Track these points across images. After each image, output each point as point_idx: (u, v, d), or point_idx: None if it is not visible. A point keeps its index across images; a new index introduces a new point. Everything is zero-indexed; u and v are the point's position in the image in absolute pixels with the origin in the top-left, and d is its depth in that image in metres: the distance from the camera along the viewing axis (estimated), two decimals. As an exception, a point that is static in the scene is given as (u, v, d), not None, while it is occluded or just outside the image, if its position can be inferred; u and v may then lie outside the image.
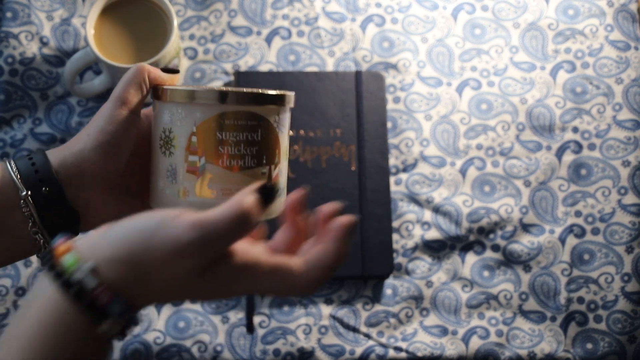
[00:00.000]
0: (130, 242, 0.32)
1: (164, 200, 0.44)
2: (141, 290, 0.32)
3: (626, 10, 0.86)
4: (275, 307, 0.77)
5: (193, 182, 0.43)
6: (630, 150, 0.82)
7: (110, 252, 0.32)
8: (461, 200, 0.80)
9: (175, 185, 0.44)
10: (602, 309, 0.77)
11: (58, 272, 0.31)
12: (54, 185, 0.42)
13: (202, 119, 0.43)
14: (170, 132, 0.44)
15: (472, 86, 0.84)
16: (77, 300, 0.31)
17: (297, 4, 0.86)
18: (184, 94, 0.43)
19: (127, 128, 0.43)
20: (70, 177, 0.43)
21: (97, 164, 0.43)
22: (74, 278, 0.31)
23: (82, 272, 0.31)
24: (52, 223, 0.42)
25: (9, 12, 0.83)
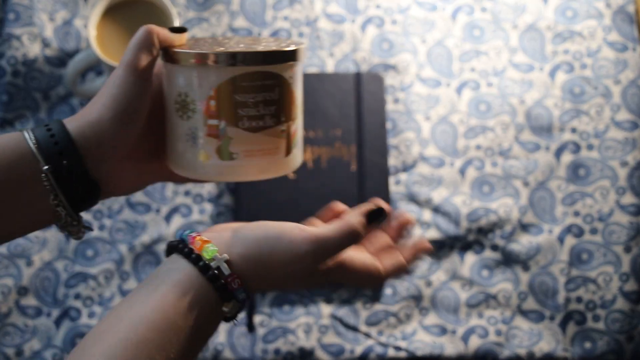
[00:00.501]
0: (258, 245, 0.40)
1: (185, 164, 0.44)
2: (259, 282, 0.40)
3: (624, 11, 0.86)
4: (275, 307, 0.77)
5: (214, 146, 0.43)
6: (628, 150, 0.82)
7: (241, 250, 0.40)
8: (460, 200, 0.81)
9: (196, 149, 0.43)
10: (600, 308, 0.78)
11: (198, 257, 0.39)
12: (74, 157, 0.41)
13: (218, 82, 0.42)
14: (186, 96, 0.43)
15: (471, 87, 0.85)
16: (213, 281, 0.39)
17: (298, 6, 0.87)
18: (198, 57, 0.42)
19: (142, 94, 0.43)
20: (89, 148, 0.42)
21: (115, 133, 0.42)
22: (214, 264, 0.39)
23: (219, 261, 0.39)
24: (73, 194, 0.42)
25: (11, 13, 0.84)
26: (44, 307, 0.77)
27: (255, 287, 0.41)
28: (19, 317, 0.76)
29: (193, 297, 0.38)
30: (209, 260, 0.39)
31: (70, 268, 0.78)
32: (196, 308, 0.38)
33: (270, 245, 0.40)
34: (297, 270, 0.40)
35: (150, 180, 0.48)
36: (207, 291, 0.39)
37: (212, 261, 0.39)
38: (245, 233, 0.41)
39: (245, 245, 0.40)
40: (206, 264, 0.39)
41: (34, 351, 0.75)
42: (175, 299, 0.38)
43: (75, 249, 0.78)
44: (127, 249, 0.78)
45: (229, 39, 0.47)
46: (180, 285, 0.39)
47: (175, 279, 0.39)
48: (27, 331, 0.76)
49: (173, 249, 0.42)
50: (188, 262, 0.40)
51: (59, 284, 0.77)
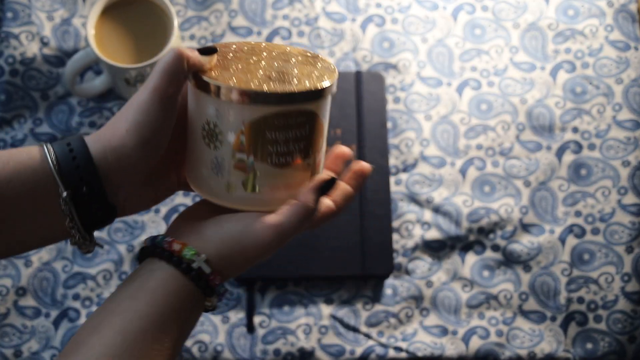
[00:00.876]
0: (227, 244, 0.42)
1: (208, 189, 0.44)
2: (233, 272, 0.43)
3: (626, 10, 0.86)
4: (275, 307, 0.77)
5: (240, 178, 0.43)
6: (630, 150, 0.82)
7: (214, 249, 0.42)
8: (461, 200, 0.80)
9: (221, 179, 0.43)
10: (602, 308, 0.78)
11: (179, 259, 0.41)
12: (95, 183, 0.41)
13: (251, 117, 0.41)
14: (215, 127, 0.42)
15: (472, 86, 0.84)
16: (196, 280, 0.41)
17: (298, 4, 0.86)
18: (234, 93, 0.41)
19: (167, 122, 0.42)
20: (110, 174, 0.42)
21: (138, 161, 0.42)
22: (195, 265, 0.41)
23: (199, 261, 0.41)
24: (90, 217, 0.42)
25: (9, 12, 0.84)
26: (43, 307, 0.76)
27: (230, 276, 0.44)
28: (17, 317, 0.76)
29: (180, 294, 0.41)
30: (190, 261, 0.41)
31: (69, 269, 0.77)
32: (183, 303, 0.41)
33: (237, 241, 0.42)
34: (264, 255, 0.43)
35: (166, 195, 0.48)
36: (191, 289, 0.41)
37: (193, 262, 0.41)
38: (211, 233, 0.43)
39: (216, 245, 0.42)
40: (189, 265, 0.41)
41: (32, 352, 0.75)
42: (164, 295, 0.40)
43: (74, 249, 0.78)
44: (126, 250, 0.78)
45: (258, 55, 0.45)
46: (166, 284, 0.41)
47: (160, 278, 0.41)
48: (26, 332, 0.75)
49: (148, 254, 0.43)
50: (169, 264, 0.42)
51: (57, 284, 0.77)
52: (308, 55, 0.46)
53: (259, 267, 0.76)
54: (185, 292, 0.41)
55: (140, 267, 0.43)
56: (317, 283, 0.78)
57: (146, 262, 0.43)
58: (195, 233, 0.43)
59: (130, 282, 0.42)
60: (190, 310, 0.42)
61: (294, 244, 0.77)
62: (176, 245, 0.42)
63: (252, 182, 0.43)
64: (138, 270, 0.42)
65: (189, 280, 0.41)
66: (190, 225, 0.44)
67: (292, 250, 0.77)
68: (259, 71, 0.43)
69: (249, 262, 0.43)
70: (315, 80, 0.43)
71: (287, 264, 0.77)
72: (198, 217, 0.45)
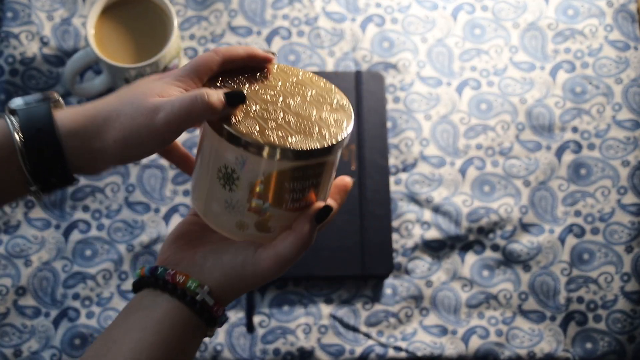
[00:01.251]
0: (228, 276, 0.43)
1: (219, 224, 0.45)
2: (231, 300, 0.44)
3: (626, 10, 0.86)
4: (275, 307, 0.77)
5: (254, 220, 0.44)
6: (630, 150, 0.82)
7: (215, 282, 0.43)
8: (461, 200, 0.81)
9: (234, 217, 0.44)
10: (601, 308, 0.78)
11: (184, 292, 0.42)
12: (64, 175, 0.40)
13: (269, 171, 0.42)
14: (232, 172, 0.42)
15: (471, 86, 0.84)
16: (201, 313, 0.42)
17: (297, 4, 0.86)
18: (257, 147, 0.40)
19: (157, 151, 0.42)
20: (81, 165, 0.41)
21: (111, 163, 0.41)
22: (198, 298, 0.42)
23: (203, 294, 0.42)
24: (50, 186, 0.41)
25: (9, 12, 0.84)
26: (43, 307, 0.76)
27: (228, 303, 0.45)
28: (17, 317, 0.76)
29: (185, 326, 0.42)
30: (194, 293, 0.42)
31: (69, 268, 0.77)
32: (188, 334, 0.42)
33: (238, 273, 0.43)
34: (263, 282, 0.44)
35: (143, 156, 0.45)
36: (195, 320, 0.42)
37: (196, 294, 0.42)
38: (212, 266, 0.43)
39: (217, 277, 0.43)
40: (193, 298, 0.42)
41: (32, 351, 0.75)
42: (171, 326, 0.41)
43: (73, 249, 0.78)
44: (125, 249, 0.78)
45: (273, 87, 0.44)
46: (172, 315, 0.42)
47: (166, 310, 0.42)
48: (26, 331, 0.75)
49: (150, 285, 0.43)
50: (172, 297, 0.42)
51: (57, 284, 0.77)
52: (322, 87, 0.47)
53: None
54: (189, 324, 0.42)
55: (142, 297, 0.43)
56: (317, 283, 0.78)
57: (147, 292, 0.43)
58: (194, 264, 0.44)
59: (134, 312, 0.42)
60: (194, 339, 0.43)
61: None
62: (179, 277, 0.43)
63: (266, 224, 0.44)
64: (140, 300, 0.43)
65: (193, 312, 0.42)
66: (187, 254, 0.45)
67: (292, 250, 0.77)
68: (279, 114, 0.43)
69: (248, 289, 0.45)
70: (333, 127, 0.43)
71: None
72: (192, 243, 0.46)
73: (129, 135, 0.40)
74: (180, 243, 0.46)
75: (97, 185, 0.80)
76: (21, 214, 0.78)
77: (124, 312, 0.43)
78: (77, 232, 0.78)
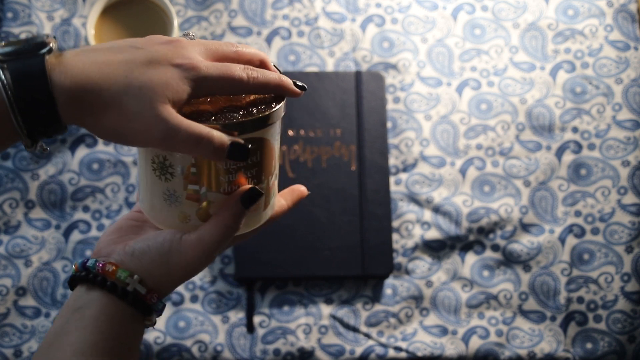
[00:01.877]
0: (156, 263, 0.43)
1: (163, 219, 0.44)
2: (168, 288, 0.44)
3: (626, 10, 0.86)
4: (275, 307, 0.77)
5: (194, 208, 0.43)
6: (630, 150, 0.82)
7: (145, 269, 0.43)
8: (461, 200, 0.80)
9: (175, 209, 0.43)
10: (601, 308, 0.78)
11: (114, 284, 0.42)
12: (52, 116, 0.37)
13: None
14: (165, 159, 0.41)
15: (471, 86, 0.84)
16: (134, 304, 0.42)
17: (297, 4, 0.86)
18: None
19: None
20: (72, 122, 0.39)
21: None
22: (129, 288, 0.42)
23: (134, 283, 0.42)
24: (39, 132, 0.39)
25: (9, 12, 0.84)
26: (43, 307, 0.76)
27: (166, 293, 0.44)
28: (17, 317, 0.76)
29: (121, 319, 0.42)
30: (124, 284, 0.42)
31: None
32: (125, 326, 0.42)
33: (165, 260, 0.43)
34: (195, 271, 0.44)
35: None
36: (130, 311, 0.42)
37: (127, 285, 0.42)
38: (140, 254, 0.43)
39: (146, 264, 0.43)
40: (124, 289, 0.42)
41: (32, 352, 0.75)
42: (107, 321, 0.41)
43: (73, 249, 0.78)
44: (126, 249, 0.78)
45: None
46: (107, 310, 0.41)
47: (100, 306, 0.41)
48: (26, 332, 0.75)
49: (80, 281, 0.43)
50: (104, 291, 0.42)
51: (57, 284, 0.77)
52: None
53: (259, 267, 0.76)
54: (125, 315, 0.42)
55: (76, 296, 0.43)
56: (317, 283, 0.78)
57: (80, 290, 0.43)
58: (124, 254, 0.43)
59: (71, 312, 0.42)
60: (133, 330, 0.43)
61: (294, 244, 0.77)
62: (109, 267, 0.42)
63: (206, 211, 0.42)
64: (75, 300, 0.42)
65: (127, 304, 0.42)
66: (119, 246, 0.44)
67: (292, 250, 0.77)
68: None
69: (182, 279, 0.44)
70: (263, 105, 0.42)
71: (287, 264, 0.77)
72: (127, 235, 0.45)
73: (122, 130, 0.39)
74: (115, 236, 0.46)
75: (97, 186, 0.80)
76: (21, 214, 0.78)
77: (61, 314, 0.42)
78: (77, 232, 0.78)
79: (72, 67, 0.37)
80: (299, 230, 0.78)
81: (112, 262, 0.43)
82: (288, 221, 0.77)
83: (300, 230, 0.78)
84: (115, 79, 0.38)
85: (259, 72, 0.41)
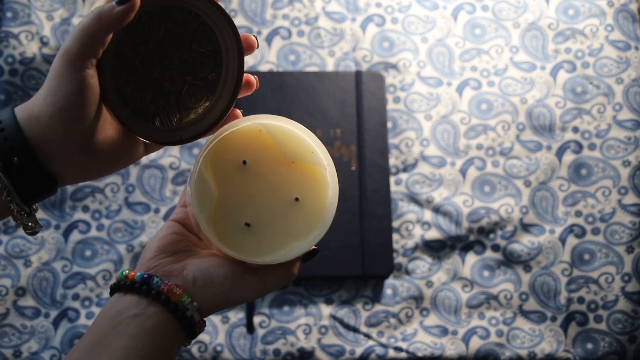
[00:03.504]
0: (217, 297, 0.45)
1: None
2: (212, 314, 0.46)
3: (626, 10, 0.86)
4: (275, 307, 0.77)
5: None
6: (631, 150, 0.82)
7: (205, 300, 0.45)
8: (461, 200, 0.80)
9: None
10: (602, 309, 0.77)
11: (176, 305, 0.44)
12: (26, 154, 0.40)
13: None
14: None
15: (472, 86, 0.84)
16: (187, 327, 0.44)
17: (297, 4, 0.86)
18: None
19: (81, 88, 0.39)
20: (40, 143, 0.40)
21: (58, 130, 0.40)
22: (189, 313, 0.44)
23: (193, 309, 0.44)
24: (26, 189, 0.41)
25: (9, 12, 0.83)
26: (42, 307, 0.76)
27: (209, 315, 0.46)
28: (17, 317, 0.76)
29: (173, 337, 0.44)
30: (185, 308, 0.44)
31: (69, 269, 0.77)
32: (174, 344, 0.44)
33: (225, 297, 0.45)
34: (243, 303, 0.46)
35: (124, 164, 0.46)
36: (181, 333, 0.44)
37: (187, 310, 0.44)
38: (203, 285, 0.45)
39: (207, 296, 0.45)
40: (184, 314, 0.44)
41: (32, 352, 0.75)
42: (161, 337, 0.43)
43: (73, 249, 0.78)
44: (125, 250, 0.78)
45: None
46: (163, 327, 0.43)
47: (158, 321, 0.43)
48: (25, 332, 0.75)
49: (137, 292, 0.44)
50: (164, 309, 0.44)
51: (57, 284, 0.77)
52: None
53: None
54: (176, 335, 0.44)
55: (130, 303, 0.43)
56: (317, 283, 0.78)
57: (134, 299, 0.44)
58: (185, 280, 0.45)
59: (123, 316, 0.43)
60: (176, 349, 0.45)
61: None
62: (176, 289, 0.44)
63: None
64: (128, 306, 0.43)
65: (181, 326, 0.44)
66: (176, 267, 0.46)
67: (292, 250, 0.77)
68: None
69: (228, 307, 0.48)
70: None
71: (287, 264, 0.76)
72: (179, 255, 0.47)
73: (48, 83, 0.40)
74: (167, 254, 0.46)
75: (97, 186, 0.80)
76: (21, 214, 0.78)
77: (110, 313, 0.43)
78: (77, 232, 0.78)
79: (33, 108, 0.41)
80: (299, 230, 0.78)
81: (178, 285, 0.44)
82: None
83: (300, 231, 0.78)
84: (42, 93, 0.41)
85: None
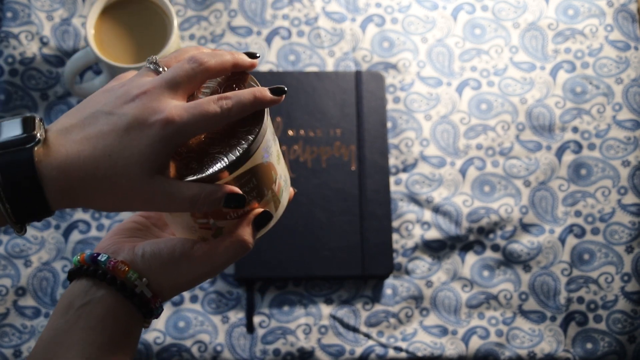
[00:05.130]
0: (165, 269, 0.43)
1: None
2: (168, 296, 0.45)
3: (626, 10, 0.86)
4: (275, 307, 0.77)
5: (209, 234, 0.44)
6: (630, 150, 0.82)
7: (154, 274, 0.43)
8: (461, 200, 0.80)
9: (194, 234, 0.45)
10: (602, 308, 0.78)
11: (123, 284, 0.42)
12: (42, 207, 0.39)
13: None
14: None
15: (472, 86, 0.84)
16: (139, 305, 0.43)
17: (297, 4, 0.86)
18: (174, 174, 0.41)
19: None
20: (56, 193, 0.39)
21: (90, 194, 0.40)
22: (137, 290, 0.42)
23: (142, 286, 0.43)
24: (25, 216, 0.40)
25: (9, 12, 0.83)
26: (42, 307, 0.76)
27: (166, 299, 0.45)
28: (17, 317, 0.76)
29: (126, 319, 0.43)
30: (133, 285, 0.42)
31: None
32: (129, 327, 0.43)
33: (174, 267, 0.43)
34: (195, 282, 0.44)
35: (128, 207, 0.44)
36: (134, 313, 0.43)
37: (135, 287, 0.42)
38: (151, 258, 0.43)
39: (156, 269, 0.43)
40: (132, 290, 0.42)
41: (32, 352, 0.75)
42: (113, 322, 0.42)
43: (73, 249, 0.78)
44: (125, 249, 0.78)
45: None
46: (114, 310, 0.42)
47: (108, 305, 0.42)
48: (25, 332, 0.75)
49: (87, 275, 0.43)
50: (111, 290, 0.42)
51: (57, 284, 0.77)
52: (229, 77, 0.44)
53: (259, 267, 0.76)
54: (130, 317, 0.43)
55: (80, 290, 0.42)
56: (317, 283, 0.78)
57: (84, 284, 0.43)
58: (133, 254, 0.43)
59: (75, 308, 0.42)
60: (135, 331, 0.44)
61: (293, 244, 0.77)
62: (121, 266, 0.42)
63: (221, 233, 0.44)
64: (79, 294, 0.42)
65: (133, 305, 0.43)
66: (127, 245, 0.44)
67: (292, 250, 0.77)
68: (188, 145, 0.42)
69: (185, 287, 0.45)
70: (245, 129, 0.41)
71: (287, 264, 0.76)
72: (134, 237, 0.46)
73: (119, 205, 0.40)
74: (121, 237, 0.46)
75: (96, 186, 0.80)
76: (21, 214, 0.78)
77: (62, 306, 0.42)
78: (77, 232, 0.78)
79: (56, 154, 0.38)
80: (298, 230, 0.78)
81: (124, 261, 0.43)
82: (288, 221, 0.77)
83: (300, 230, 0.78)
84: (100, 159, 0.38)
85: (232, 98, 0.40)
